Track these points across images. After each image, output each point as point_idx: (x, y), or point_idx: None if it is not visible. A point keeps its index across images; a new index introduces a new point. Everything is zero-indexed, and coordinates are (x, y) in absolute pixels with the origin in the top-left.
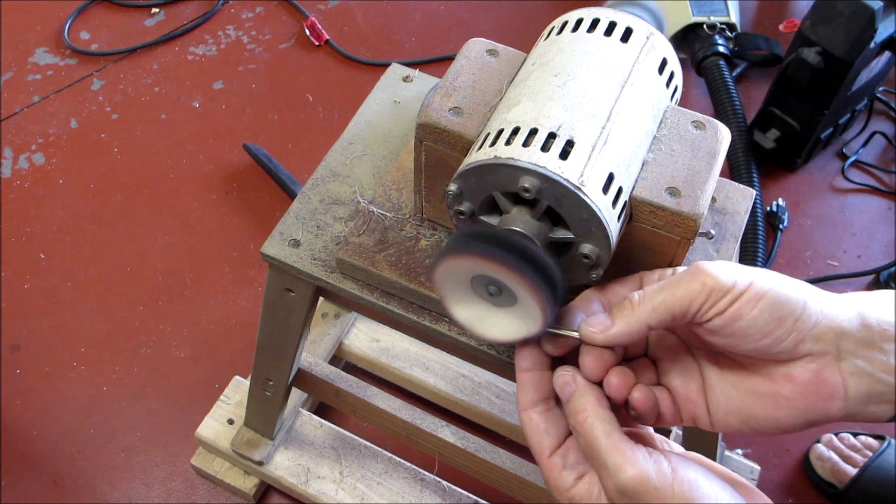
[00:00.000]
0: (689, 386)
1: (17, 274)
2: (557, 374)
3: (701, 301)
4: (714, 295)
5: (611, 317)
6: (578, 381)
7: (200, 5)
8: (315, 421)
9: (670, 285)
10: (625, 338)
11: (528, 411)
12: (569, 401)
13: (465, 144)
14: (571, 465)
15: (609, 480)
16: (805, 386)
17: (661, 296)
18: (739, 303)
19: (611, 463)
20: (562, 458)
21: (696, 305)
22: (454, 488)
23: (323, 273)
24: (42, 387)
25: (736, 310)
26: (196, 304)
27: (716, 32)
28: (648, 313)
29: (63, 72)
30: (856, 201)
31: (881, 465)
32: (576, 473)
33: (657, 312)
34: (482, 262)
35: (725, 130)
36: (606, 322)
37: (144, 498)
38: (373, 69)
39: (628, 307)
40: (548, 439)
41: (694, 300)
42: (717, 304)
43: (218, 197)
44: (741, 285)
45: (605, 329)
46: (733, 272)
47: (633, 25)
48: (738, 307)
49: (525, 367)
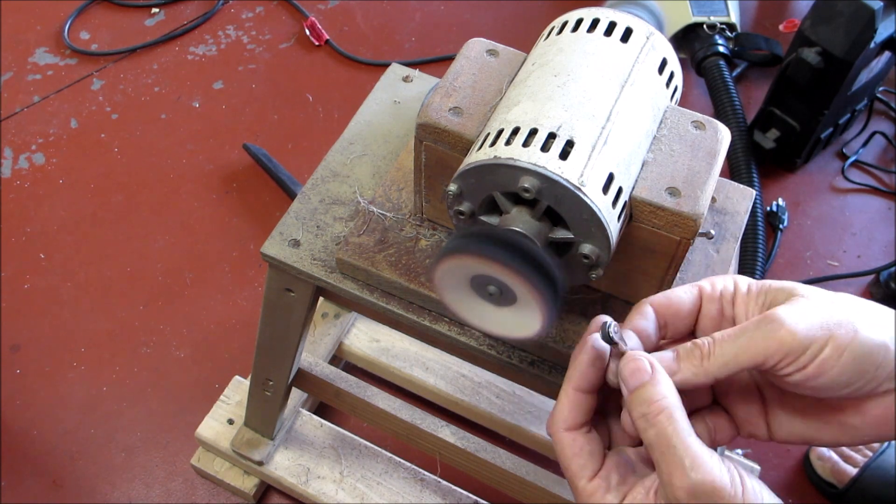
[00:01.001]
0: (749, 409)
1: (17, 274)
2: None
3: (777, 359)
4: (791, 353)
5: (677, 360)
6: (657, 370)
7: (200, 5)
8: (315, 421)
9: (743, 337)
10: (688, 386)
11: (573, 432)
12: (641, 388)
13: (465, 144)
14: (615, 487)
15: (682, 479)
16: (877, 420)
17: (733, 349)
18: (819, 360)
19: (689, 461)
20: (605, 481)
21: (770, 363)
22: (454, 488)
23: (323, 273)
24: (42, 387)
25: (816, 368)
26: (196, 304)
27: (716, 32)
28: (718, 367)
29: (63, 72)
30: (856, 201)
31: (881, 465)
32: (619, 494)
33: (727, 368)
34: (482, 262)
35: (725, 130)
36: (672, 366)
37: (144, 498)
38: (373, 69)
39: (698, 357)
40: (592, 462)
41: (769, 358)
42: (794, 363)
43: (218, 197)
44: (821, 340)
45: (670, 374)
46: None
47: (633, 25)
48: (818, 366)
49: (582, 387)
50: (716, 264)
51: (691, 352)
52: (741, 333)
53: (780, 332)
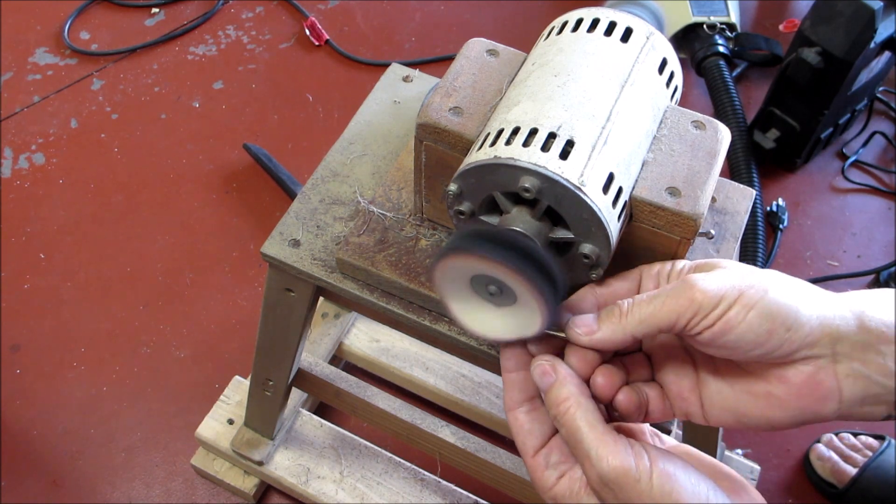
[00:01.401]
0: (681, 383)
1: (17, 274)
2: (535, 364)
3: (688, 317)
4: (702, 310)
5: (598, 321)
6: (559, 371)
7: (200, 5)
8: (315, 421)
9: (659, 298)
10: (608, 344)
11: (514, 411)
12: (549, 391)
13: (465, 144)
14: (554, 465)
15: (591, 470)
16: (799, 388)
17: (649, 308)
18: (727, 317)
19: (593, 453)
20: (545, 458)
21: (683, 321)
22: (454, 488)
23: (323, 273)
24: (42, 387)
25: (724, 324)
26: (196, 304)
27: (716, 32)
28: (635, 325)
29: (63, 72)
30: (856, 201)
31: (881, 464)
32: (558, 472)
33: (643, 325)
34: (482, 262)
35: (725, 130)
36: (593, 325)
37: (144, 498)
38: (373, 69)
39: (616, 315)
40: (531, 439)
41: (681, 315)
42: (704, 319)
43: (218, 197)
44: (730, 298)
45: (590, 332)
46: (724, 282)
47: (633, 25)
48: (725, 321)
49: (510, 368)
50: None
51: (610, 311)
52: (658, 294)
53: (691, 290)
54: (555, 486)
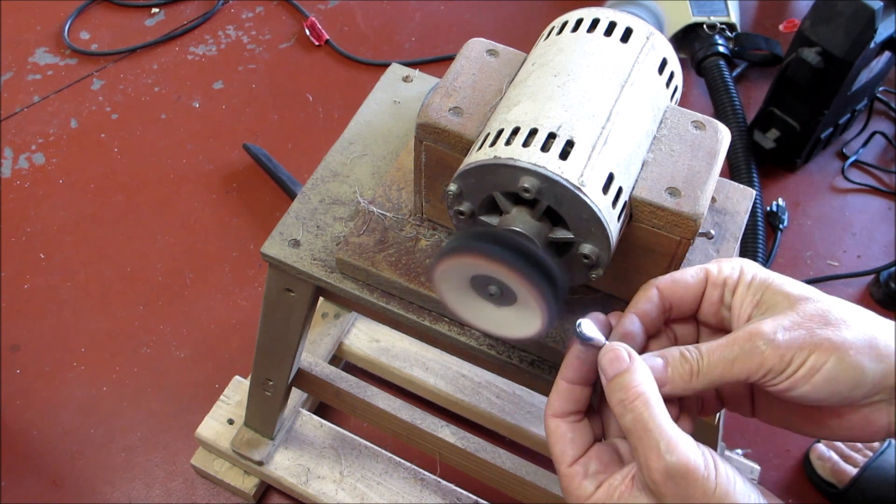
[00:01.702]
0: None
1: (17, 274)
2: (608, 349)
3: (757, 378)
4: (771, 374)
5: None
6: (635, 359)
7: (200, 5)
8: (315, 421)
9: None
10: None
11: (558, 419)
12: (619, 376)
13: (465, 144)
14: (592, 475)
15: (658, 461)
16: (852, 424)
17: (720, 370)
18: (793, 379)
19: (664, 444)
20: (583, 467)
21: (752, 380)
22: (454, 488)
23: (323, 273)
24: (42, 387)
25: (790, 384)
26: (196, 304)
27: (716, 32)
28: (705, 384)
29: (63, 72)
30: (856, 201)
31: (881, 465)
32: (596, 481)
33: (713, 384)
34: (482, 262)
35: (725, 130)
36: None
37: (144, 498)
38: (373, 69)
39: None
40: (572, 449)
41: (751, 376)
42: (772, 380)
43: (218, 197)
44: (798, 360)
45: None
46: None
47: (633, 25)
48: (791, 382)
49: (568, 378)
50: None
51: (681, 364)
52: (728, 349)
53: (763, 352)
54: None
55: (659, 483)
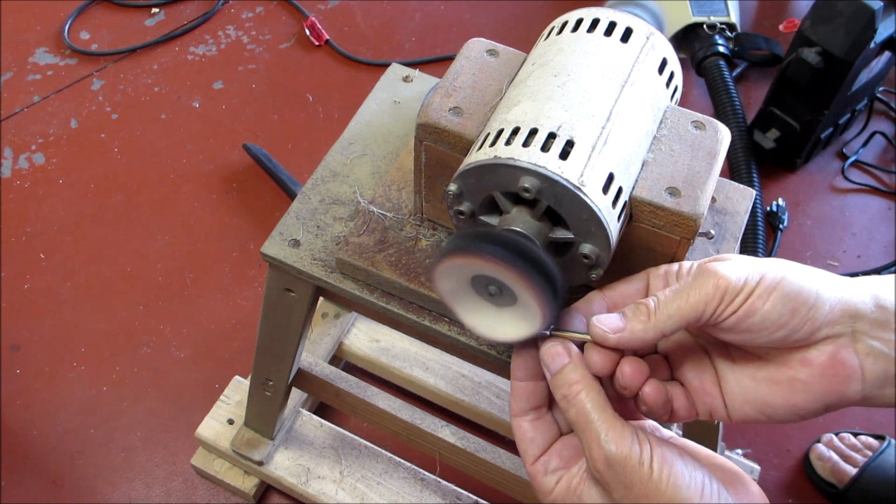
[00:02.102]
0: (702, 378)
1: (17, 274)
2: (547, 346)
3: (715, 304)
4: (727, 296)
5: (624, 319)
6: (573, 354)
7: (200, 5)
8: (315, 421)
9: (683, 291)
10: (637, 342)
11: (518, 419)
12: (559, 372)
13: (465, 144)
14: (553, 470)
15: (599, 451)
16: (822, 368)
17: (676, 303)
18: (752, 299)
19: (602, 434)
20: (543, 465)
21: (710, 309)
22: (454, 488)
23: (323, 273)
24: (42, 387)
25: (749, 306)
26: (196, 304)
27: (716, 32)
28: (664, 321)
29: (63, 72)
30: (856, 201)
31: (881, 464)
32: (556, 477)
33: (672, 320)
34: (482, 262)
35: (725, 130)
36: (619, 323)
37: (144, 498)
38: (373, 69)
39: (644, 313)
40: (532, 448)
41: (708, 304)
42: (730, 305)
43: (218, 197)
44: (752, 281)
45: (617, 330)
46: (743, 268)
47: (633, 25)
48: (750, 303)
49: (519, 377)
50: None
51: (637, 309)
52: (681, 288)
53: (713, 277)
54: (554, 490)
55: (601, 472)
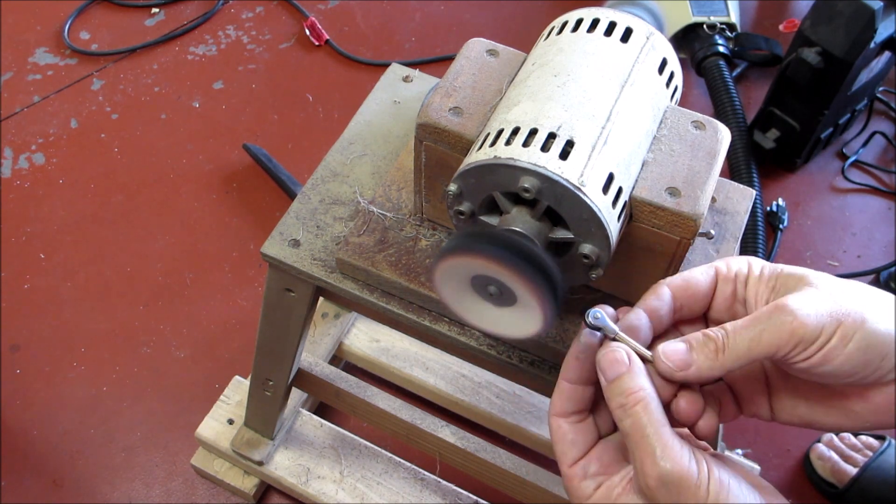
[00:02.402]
0: (754, 387)
1: (17, 274)
2: (607, 349)
3: (788, 350)
4: (802, 344)
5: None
6: (635, 362)
7: (200, 5)
8: (315, 421)
9: (755, 328)
10: (703, 380)
11: (559, 419)
12: (618, 380)
13: (465, 144)
14: (592, 475)
15: (653, 467)
16: (878, 406)
17: (747, 343)
18: (826, 349)
19: (659, 451)
20: (583, 469)
21: (781, 354)
22: (454, 488)
23: (323, 273)
24: (42, 387)
25: (822, 357)
26: (196, 304)
27: (716, 32)
28: (732, 361)
29: (63, 72)
30: (856, 201)
31: (881, 464)
32: (595, 483)
33: (741, 360)
34: (482, 262)
35: (725, 130)
36: (686, 359)
37: (144, 498)
38: (373, 69)
39: (712, 349)
40: (573, 450)
41: (781, 349)
42: (804, 352)
43: (218, 197)
44: (829, 329)
45: (684, 368)
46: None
47: (633, 25)
48: (824, 354)
49: (569, 378)
50: None
51: (705, 344)
52: (754, 324)
53: (791, 322)
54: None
55: (653, 488)
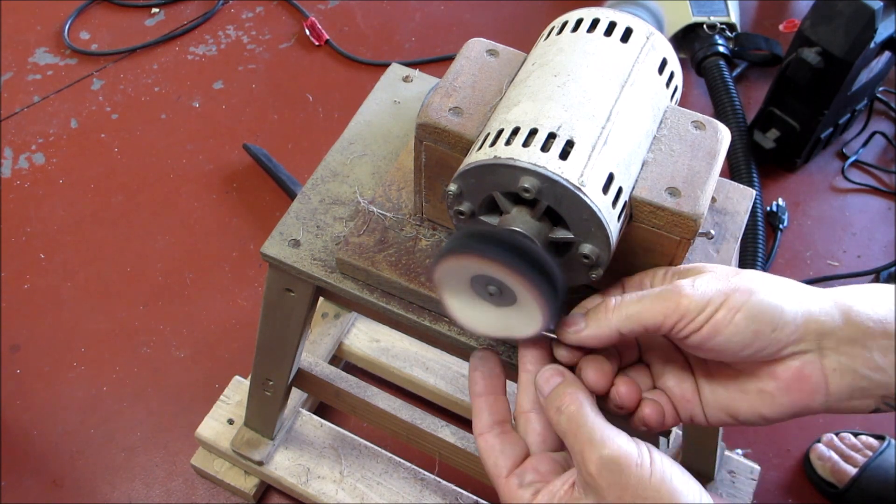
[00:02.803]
0: (683, 386)
1: (17, 274)
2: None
3: (674, 320)
4: (688, 314)
5: (585, 318)
6: (567, 375)
7: (200, 5)
8: (315, 421)
9: (648, 298)
10: (595, 340)
11: (485, 435)
12: (553, 390)
13: (465, 144)
14: (528, 483)
15: (593, 453)
16: (788, 383)
17: (636, 307)
18: (714, 320)
19: (598, 436)
20: (518, 478)
21: (669, 322)
22: (454, 488)
23: (323, 273)
24: (42, 387)
25: (711, 327)
26: (196, 304)
27: (716, 32)
28: (620, 321)
29: (63, 72)
30: (856, 201)
31: (881, 464)
32: (533, 489)
33: (629, 321)
34: (482, 262)
35: (725, 130)
36: (580, 324)
37: (144, 498)
38: (373, 69)
39: (602, 312)
40: (504, 460)
41: (667, 317)
42: (691, 323)
43: (218, 197)
44: (716, 301)
45: (577, 330)
46: (710, 286)
47: (633, 25)
48: (712, 324)
49: (479, 392)
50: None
51: (597, 308)
52: (645, 295)
53: (678, 296)
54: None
55: (595, 475)
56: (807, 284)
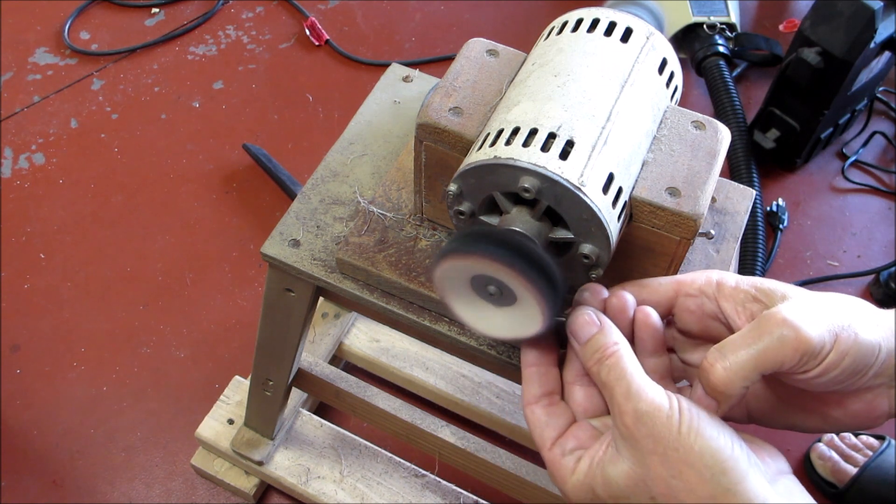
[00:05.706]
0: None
1: (17, 274)
2: (578, 313)
3: (791, 366)
4: (805, 359)
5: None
6: (604, 320)
7: (200, 5)
8: (315, 421)
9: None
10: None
11: (532, 406)
12: (591, 340)
13: (465, 144)
14: (570, 451)
15: (627, 404)
16: (856, 412)
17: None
18: (825, 363)
19: (634, 388)
20: (561, 448)
21: (785, 369)
22: (454, 488)
23: (323, 273)
24: (42, 387)
25: (822, 369)
26: (196, 304)
27: (716, 32)
28: (741, 385)
29: (63, 72)
30: (856, 201)
31: (881, 464)
32: (575, 457)
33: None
34: (482, 262)
35: (725, 130)
36: (712, 405)
37: (144, 498)
38: (373, 69)
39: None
40: (549, 431)
41: (784, 364)
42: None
43: (218, 197)
44: (829, 343)
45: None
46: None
47: (633, 25)
48: (824, 367)
49: (530, 362)
50: (716, 264)
51: (713, 377)
52: (753, 339)
53: (794, 338)
54: (576, 469)
55: (631, 427)
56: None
